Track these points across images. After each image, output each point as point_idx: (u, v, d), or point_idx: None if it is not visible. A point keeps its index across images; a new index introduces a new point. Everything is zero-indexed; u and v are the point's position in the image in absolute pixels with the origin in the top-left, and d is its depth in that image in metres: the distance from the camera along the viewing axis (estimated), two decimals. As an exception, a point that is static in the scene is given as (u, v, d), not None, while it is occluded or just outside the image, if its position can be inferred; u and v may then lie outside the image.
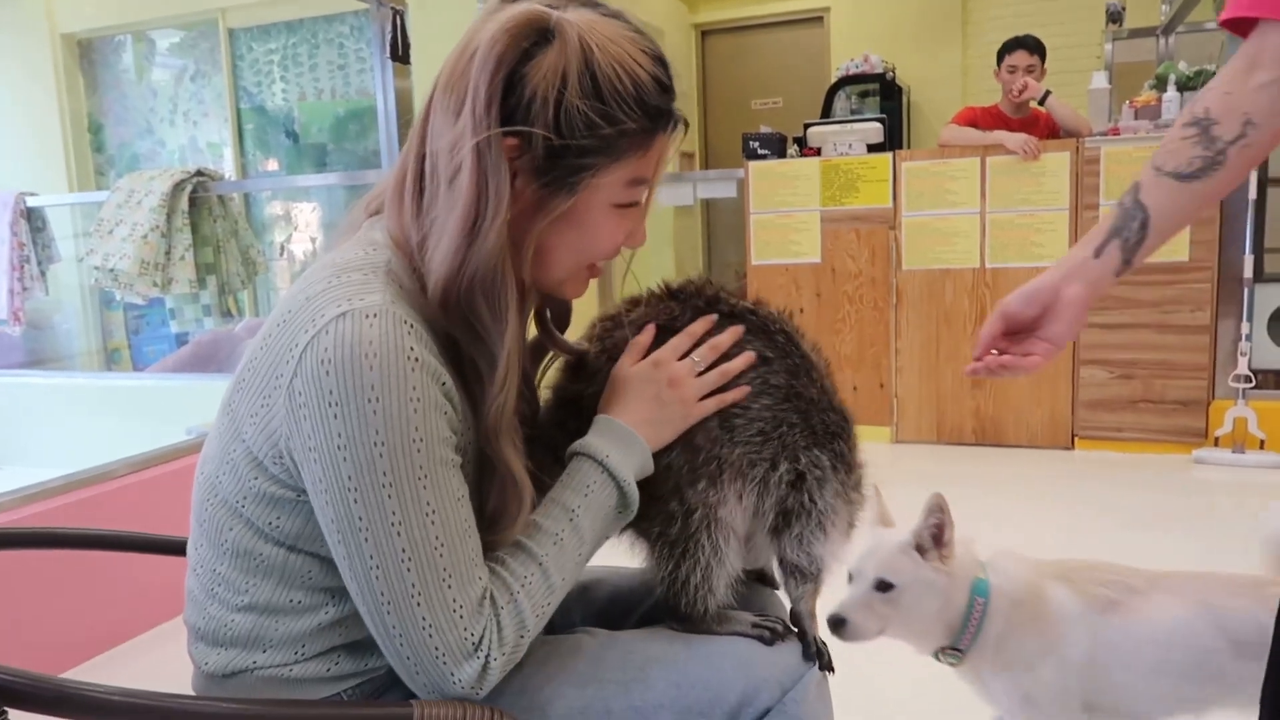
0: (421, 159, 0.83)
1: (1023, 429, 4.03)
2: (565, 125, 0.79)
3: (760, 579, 1.12)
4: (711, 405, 0.94)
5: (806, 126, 4.45)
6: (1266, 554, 1.33)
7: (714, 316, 0.98)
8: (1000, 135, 3.96)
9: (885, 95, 5.91)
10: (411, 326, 0.77)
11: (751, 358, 0.97)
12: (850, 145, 4.21)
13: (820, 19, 6.55)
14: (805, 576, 1.00)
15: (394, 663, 0.80)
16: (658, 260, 6.01)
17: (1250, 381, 3.58)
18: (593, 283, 0.96)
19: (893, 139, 4.52)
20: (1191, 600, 1.26)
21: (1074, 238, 3.84)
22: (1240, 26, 0.91)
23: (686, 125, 0.89)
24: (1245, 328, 3.61)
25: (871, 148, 4.19)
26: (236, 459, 0.83)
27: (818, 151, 4.29)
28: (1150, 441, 3.81)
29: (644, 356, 0.96)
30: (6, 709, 0.81)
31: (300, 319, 0.78)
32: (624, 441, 0.91)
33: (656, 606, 1.02)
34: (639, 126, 0.82)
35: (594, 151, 0.80)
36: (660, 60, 0.85)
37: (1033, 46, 4.16)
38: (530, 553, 0.85)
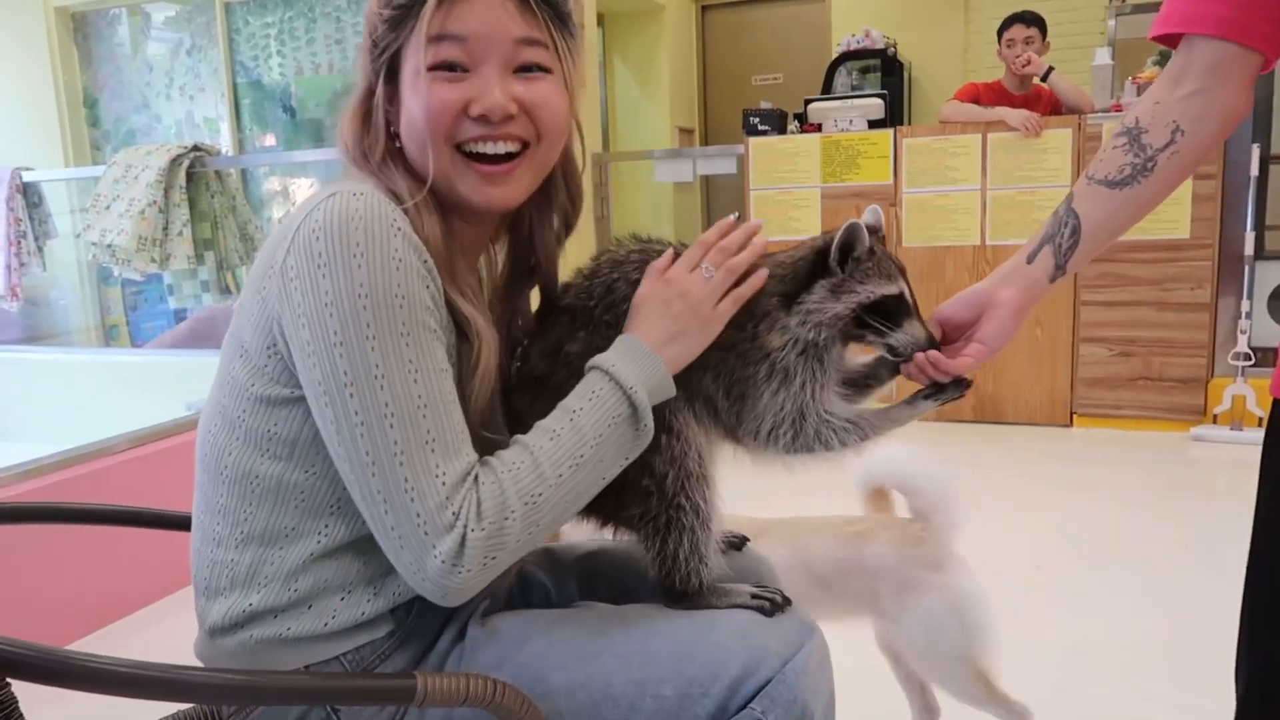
0: None
1: (1022, 406, 4.03)
2: (371, 29, 0.90)
3: (739, 547, 1.12)
4: (729, 306, 0.95)
5: (807, 103, 4.42)
6: (858, 494, 1.57)
7: (731, 219, 0.99)
8: (1002, 111, 3.93)
9: (886, 71, 5.87)
10: (394, 207, 0.84)
11: (761, 246, 0.97)
12: (851, 121, 4.19)
13: (821, -6, 6.50)
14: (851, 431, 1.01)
15: (383, 540, 0.81)
16: (658, 236, 5.98)
17: (1250, 359, 3.58)
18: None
19: (894, 115, 4.49)
20: (787, 542, 1.44)
21: (1075, 215, 3.82)
22: (1170, 41, 0.94)
23: None
24: (1245, 305, 3.61)
25: (872, 124, 4.17)
26: (236, 372, 0.88)
27: (818, 128, 4.27)
28: (1149, 419, 3.82)
29: None
30: (9, 680, 0.81)
31: (294, 216, 0.84)
32: (636, 355, 0.90)
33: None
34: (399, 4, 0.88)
35: (388, 34, 0.89)
36: None
37: (1029, 19, 4.15)
38: (522, 443, 0.86)
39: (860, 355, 1.08)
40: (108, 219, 3.72)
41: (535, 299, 1.06)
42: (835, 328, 0.97)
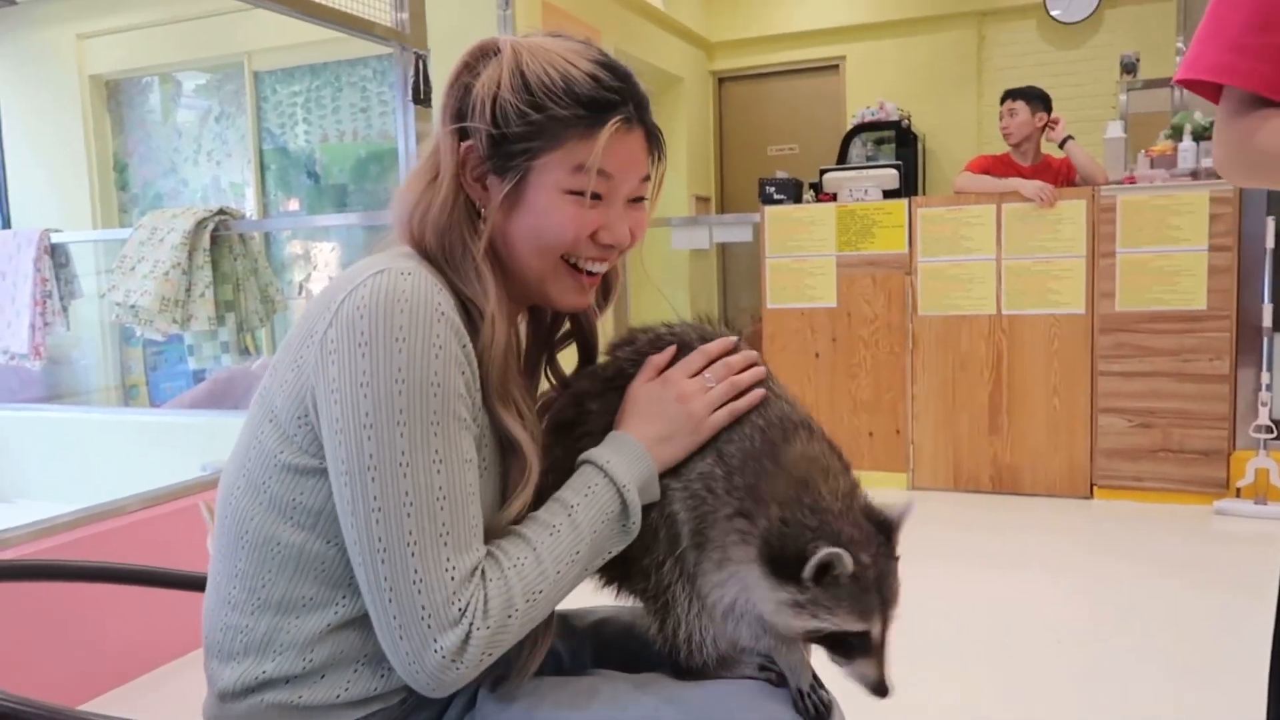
0: None
1: (1040, 477, 3.98)
2: (500, 117, 0.88)
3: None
4: (723, 417, 0.94)
5: (823, 172, 4.48)
6: None
7: (734, 339, 0.99)
8: (1017, 182, 3.98)
9: (900, 142, 5.96)
10: (441, 290, 0.84)
11: (762, 372, 0.97)
12: (866, 191, 4.23)
13: (836, 67, 6.63)
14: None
15: (379, 626, 0.80)
16: (673, 303, 6.03)
17: (1271, 432, 3.54)
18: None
19: (908, 185, 4.54)
20: None
21: (1091, 285, 3.83)
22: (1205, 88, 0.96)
23: (656, 134, 0.95)
24: (1265, 377, 3.58)
25: (887, 194, 4.21)
26: (264, 438, 0.87)
27: (833, 197, 4.31)
28: (1171, 491, 3.77)
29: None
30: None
31: (337, 286, 0.84)
32: (628, 453, 0.91)
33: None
34: (571, 114, 0.88)
35: (528, 137, 0.88)
36: (603, 64, 0.90)
37: (1014, 94, 4.30)
38: (524, 537, 0.86)
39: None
40: (132, 280, 3.78)
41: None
42: (789, 632, 0.88)
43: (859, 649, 0.87)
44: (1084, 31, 5.94)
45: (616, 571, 0.96)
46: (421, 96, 3.08)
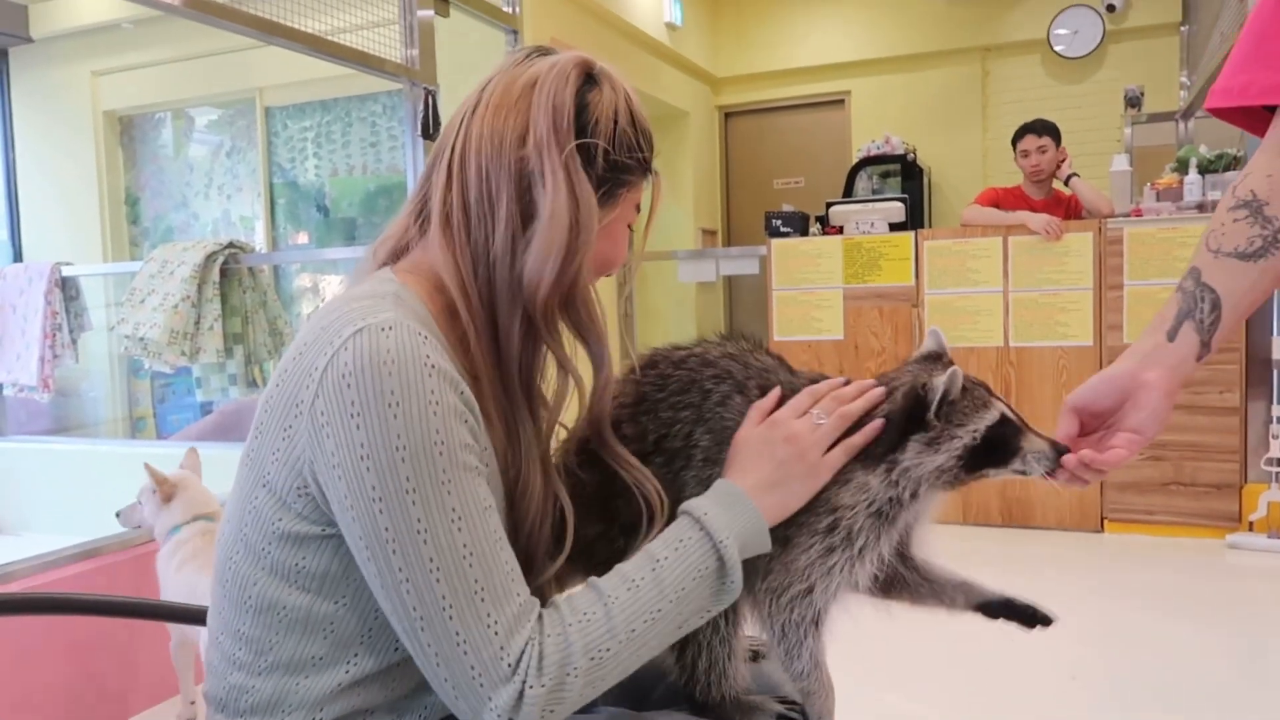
0: (465, 190, 0.87)
1: (1050, 511, 3.95)
2: (619, 144, 0.89)
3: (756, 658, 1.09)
4: (839, 456, 0.91)
5: (829, 205, 4.50)
6: None
7: (841, 379, 0.96)
8: (1023, 216, 3.98)
9: (906, 176, 5.98)
10: (425, 337, 0.79)
11: (877, 396, 0.93)
12: (872, 224, 4.24)
13: (841, 101, 6.68)
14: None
15: (436, 687, 0.78)
16: (680, 335, 6.02)
17: (1283, 465, 3.51)
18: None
19: (914, 218, 4.55)
20: None
21: (1098, 318, 3.83)
22: (1236, 115, 0.95)
23: (656, 174, 0.98)
24: (1276, 410, 3.56)
25: (893, 226, 4.22)
26: (260, 504, 0.83)
27: (840, 230, 4.33)
28: (1182, 525, 3.73)
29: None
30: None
31: (317, 346, 0.80)
32: (732, 502, 0.87)
33: (673, 688, 1.00)
34: (648, 158, 0.93)
35: (632, 170, 0.91)
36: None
37: (1039, 129, 4.27)
38: (598, 590, 0.81)
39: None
40: (141, 313, 3.80)
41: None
42: (940, 480, 0.92)
43: (1009, 437, 0.92)
44: (1088, 66, 5.98)
45: None
46: (430, 131, 3.11)
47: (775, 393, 0.94)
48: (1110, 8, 5.77)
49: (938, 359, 0.98)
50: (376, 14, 3.01)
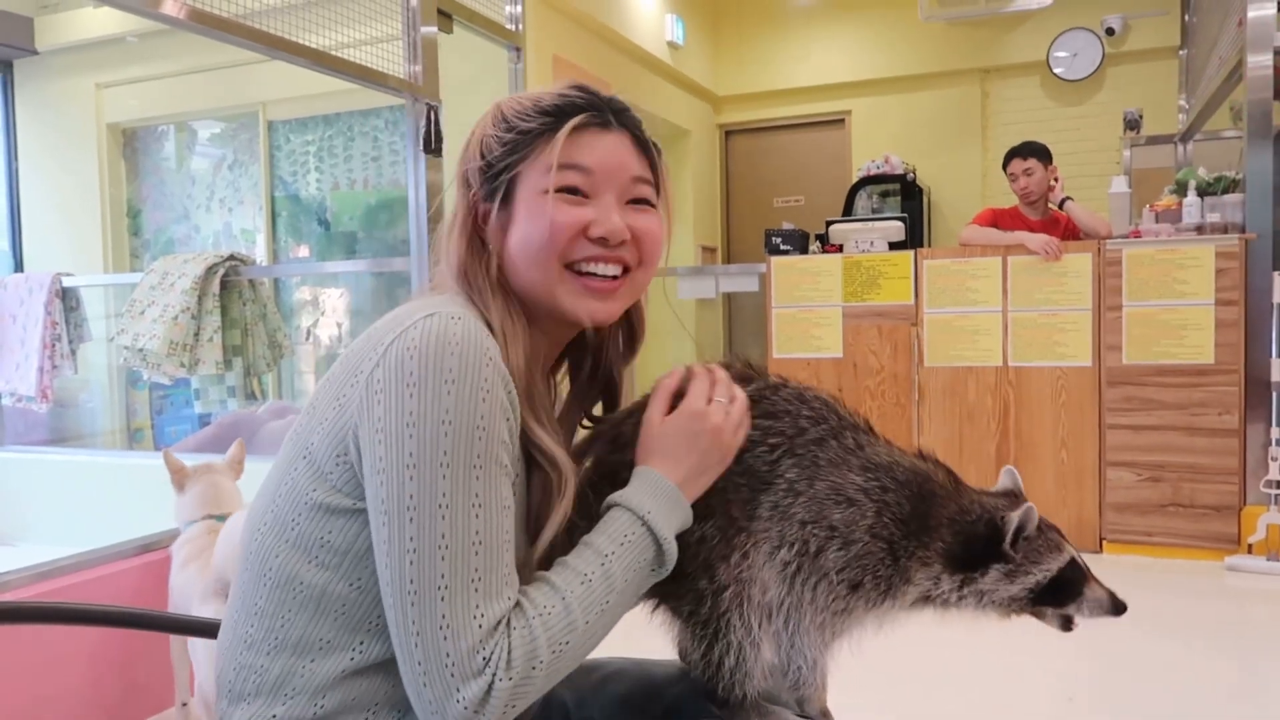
0: None
1: (1048, 531, 3.94)
2: (486, 151, 0.95)
3: None
4: (742, 436, 0.96)
5: (829, 224, 4.51)
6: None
7: (722, 362, 1.02)
8: (1021, 236, 4.00)
9: (906, 195, 6.01)
10: (489, 335, 0.85)
11: (747, 404, 0.99)
12: (872, 243, 4.26)
13: (842, 121, 6.71)
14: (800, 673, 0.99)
15: (405, 672, 0.80)
16: (678, 351, 6.03)
17: (1282, 487, 3.51)
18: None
19: (914, 237, 4.57)
20: None
21: (1097, 338, 3.84)
22: None
23: (614, 110, 0.97)
24: (1275, 432, 3.56)
25: (893, 245, 4.23)
26: (297, 475, 0.87)
27: (839, 248, 4.34)
28: (1181, 547, 3.73)
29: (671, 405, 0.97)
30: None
31: (385, 327, 0.85)
32: (668, 498, 0.91)
33: (681, 698, 1.00)
34: (539, 125, 0.93)
35: (505, 156, 0.94)
36: (577, 86, 0.97)
37: (1025, 152, 4.32)
38: (554, 585, 0.84)
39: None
40: (141, 324, 3.80)
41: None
42: (1008, 607, 0.99)
43: (1075, 581, 0.98)
44: (1087, 88, 6.02)
45: (664, 586, 0.94)
46: (433, 146, 3.13)
47: (676, 374, 0.99)
48: (1109, 31, 5.81)
49: (1013, 496, 1.03)
50: (380, 30, 3.03)
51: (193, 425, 4.96)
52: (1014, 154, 4.34)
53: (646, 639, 1.03)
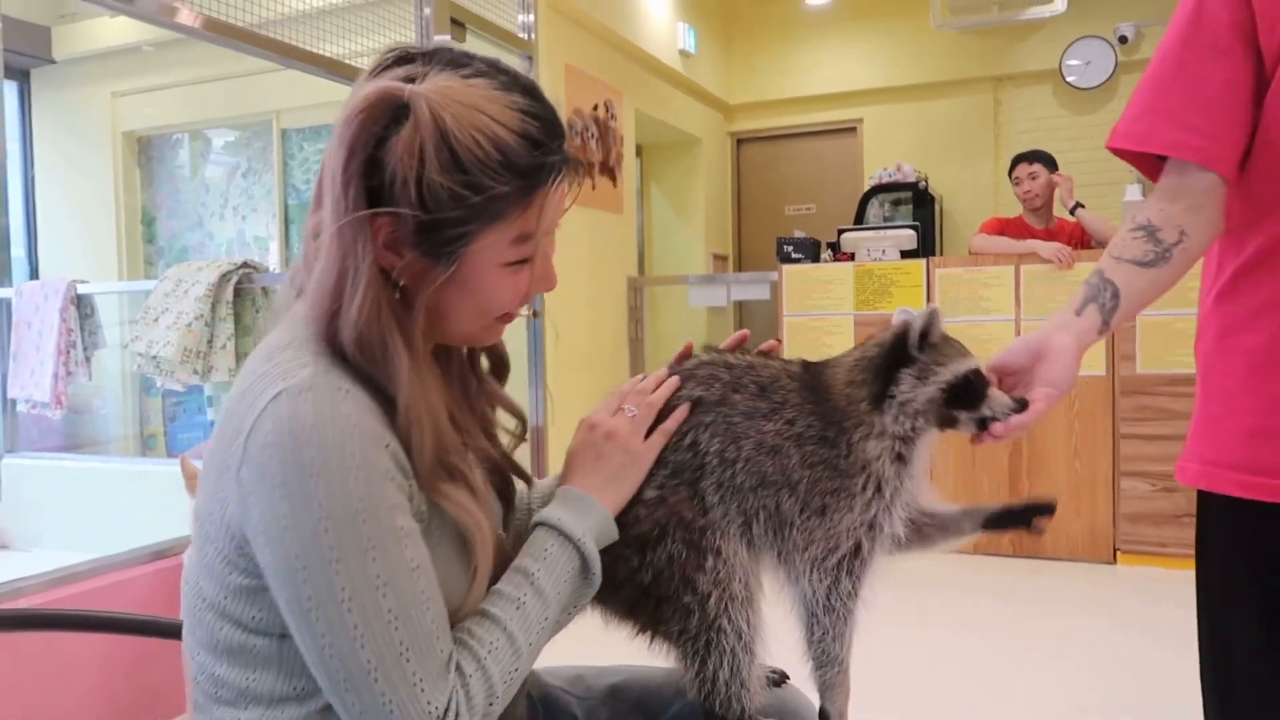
0: (315, 235, 0.85)
1: (1062, 541, 3.92)
2: (431, 201, 0.79)
3: (779, 684, 1.09)
4: (657, 440, 0.96)
5: (840, 232, 4.51)
6: None
7: (639, 376, 1.02)
8: (1034, 244, 3.99)
9: (918, 204, 5.99)
10: (347, 392, 0.77)
11: (672, 385, 0.99)
12: (884, 251, 4.25)
13: (854, 129, 6.70)
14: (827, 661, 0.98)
15: None
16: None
17: (1298, 498, 3.48)
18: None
19: (925, 246, 4.56)
20: None
21: (1110, 347, 3.81)
22: (1131, 156, 1.14)
23: (579, 167, 0.89)
24: (1290, 442, 3.53)
25: (905, 254, 4.22)
26: (210, 559, 0.82)
27: (851, 257, 4.33)
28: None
29: None
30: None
31: (241, 408, 0.79)
32: (577, 505, 0.92)
33: (689, 706, 0.99)
34: (511, 188, 0.81)
35: (465, 220, 0.80)
36: (533, 114, 0.83)
37: (1030, 157, 4.36)
38: (494, 618, 0.84)
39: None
40: (155, 331, 3.82)
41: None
42: (930, 413, 0.98)
43: (981, 386, 0.99)
44: (1100, 97, 5.99)
45: (650, 616, 0.95)
46: (445, 154, 3.14)
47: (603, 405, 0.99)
48: (1123, 39, 5.79)
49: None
50: (393, 38, 3.05)
51: (205, 432, 4.98)
52: (1020, 159, 4.38)
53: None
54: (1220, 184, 1.06)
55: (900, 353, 0.99)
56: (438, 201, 0.79)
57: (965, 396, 0.98)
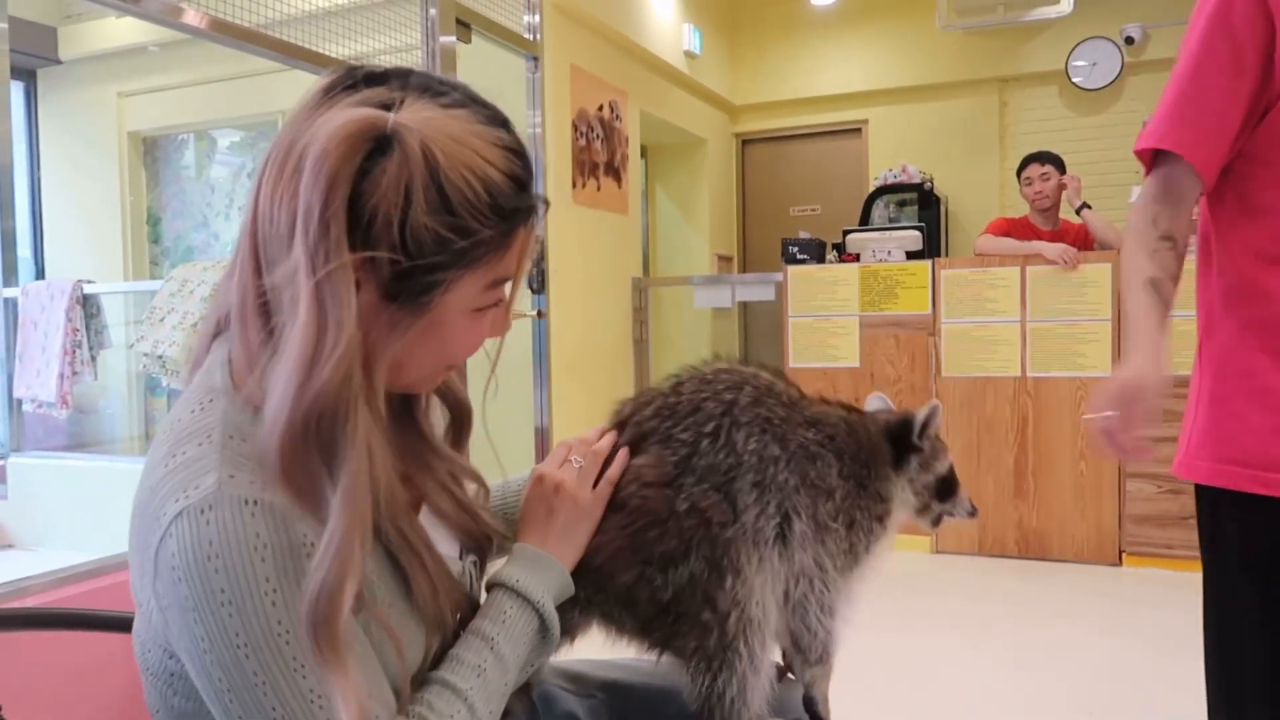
0: (258, 273, 0.75)
1: (1068, 543, 3.91)
2: (413, 245, 0.72)
3: (781, 675, 1.10)
4: (605, 490, 0.96)
5: (846, 233, 4.50)
6: None
7: (593, 430, 1.02)
8: (1039, 245, 3.98)
9: (923, 205, 5.98)
10: (255, 504, 0.70)
11: (613, 436, 1.00)
12: (889, 252, 4.24)
13: (859, 130, 6.70)
14: (809, 653, 1.01)
15: None
16: (694, 360, 6.02)
17: (1305, 500, 3.47)
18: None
19: (931, 247, 4.55)
20: None
21: (1116, 348, 3.80)
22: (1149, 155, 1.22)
23: (547, 205, 0.83)
24: (1297, 445, 3.52)
25: (910, 255, 4.22)
26: (146, 640, 0.78)
27: (856, 258, 4.33)
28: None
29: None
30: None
31: (149, 515, 0.73)
32: (534, 563, 0.90)
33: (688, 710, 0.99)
34: (494, 231, 0.75)
35: (445, 266, 0.74)
36: (515, 150, 0.78)
37: (1042, 159, 4.35)
38: (454, 689, 0.80)
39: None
40: (161, 331, 3.83)
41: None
42: (921, 495, 1.10)
43: (955, 482, 1.12)
44: (1106, 98, 5.98)
45: (666, 631, 0.95)
46: (450, 155, 3.14)
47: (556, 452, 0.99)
48: (1129, 40, 5.77)
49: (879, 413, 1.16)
50: (399, 40, 3.05)
51: (210, 432, 4.98)
52: (1032, 159, 4.36)
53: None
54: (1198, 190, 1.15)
55: (906, 438, 1.09)
56: (420, 246, 0.72)
57: (943, 490, 1.11)
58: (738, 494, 0.94)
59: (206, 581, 0.68)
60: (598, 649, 1.10)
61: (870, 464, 1.05)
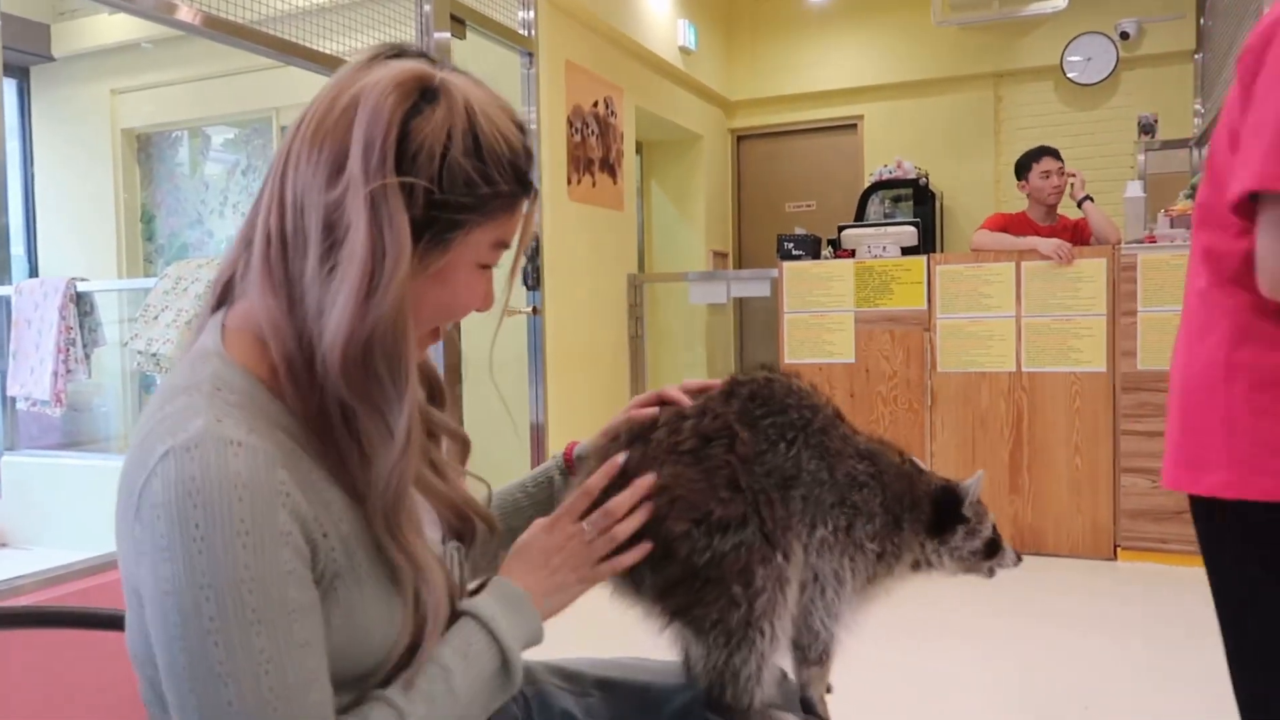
0: (283, 218, 0.79)
1: (1063, 538, 3.92)
2: (448, 180, 0.79)
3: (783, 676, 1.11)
4: (606, 570, 0.95)
5: (841, 229, 4.50)
6: None
7: (618, 462, 0.97)
8: (1034, 240, 3.98)
9: (918, 200, 5.98)
10: (239, 445, 0.72)
11: (645, 513, 0.95)
12: (885, 248, 4.24)
13: (854, 126, 6.70)
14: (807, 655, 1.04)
15: None
16: (690, 357, 6.03)
17: (1299, 494, 3.48)
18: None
19: (926, 243, 4.56)
20: None
21: (1111, 344, 3.81)
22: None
23: (538, 193, 0.90)
24: (1292, 439, 3.53)
25: (906, 250, 4.22)
26: (137, 632, 0.79)
27: (852, 253, 4.33)
28: (1196, 554, 3.68)
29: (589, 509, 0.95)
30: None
31: (136, 462, 0.75)
32: (516, 607, 0.88)
33: (689, 701, 0.99)
34: (510, 190, 0.83)
35: (469, 209, 0.81)
36: (525, 131, 0.86)
37: (1055, 153, 4.32)
38: (398, 710, 0.78)
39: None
40: (155, 328, 3.82)
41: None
42: (968, 560, 1.14)
43: (999, 539, 1.16)
44: (1101, 93, 5.98)
45: (688, 599, 0.95)
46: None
47: (592, 488, 0.96)
48: (1124, 35, 5.78)
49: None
50: (393, 36, 3.04)
51: (205, 429, 4.97)
52: (1045, 153, 4.30)
53: (647, 638, 1.02)
54: None
55: (952, 511, 1.13)
56: (454, 182, 0.79)
57: (990, 550, 1.15)
58: (791, 500, 1.00)
59: (184, 516, 0.70)
60: (595, 647, 1.10)
61: (906, 509, 1.09)
